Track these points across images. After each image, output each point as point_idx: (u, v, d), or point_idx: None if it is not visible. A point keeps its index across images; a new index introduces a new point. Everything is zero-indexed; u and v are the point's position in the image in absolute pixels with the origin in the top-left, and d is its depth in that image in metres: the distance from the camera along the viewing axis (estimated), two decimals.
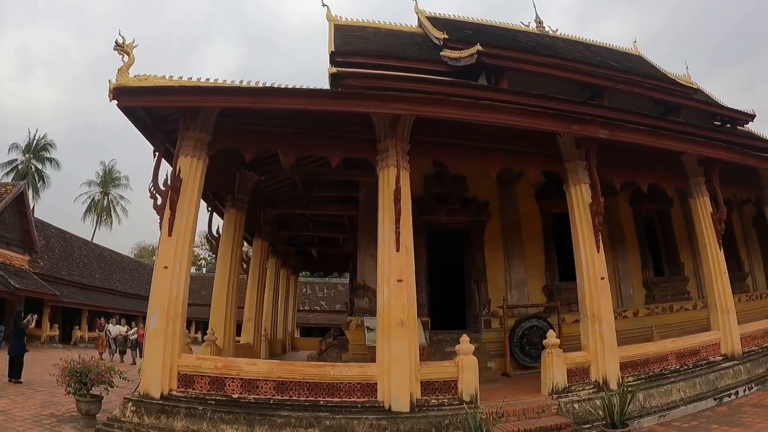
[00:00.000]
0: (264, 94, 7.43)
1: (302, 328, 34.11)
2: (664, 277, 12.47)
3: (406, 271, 7.48)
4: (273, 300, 14.50)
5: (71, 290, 27.66)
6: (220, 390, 6.85)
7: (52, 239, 29.53)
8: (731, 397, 8.82)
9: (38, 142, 43.30)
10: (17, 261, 24.22)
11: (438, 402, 6.99)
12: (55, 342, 25.15)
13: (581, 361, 8.26)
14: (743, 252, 13.71)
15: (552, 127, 8.35)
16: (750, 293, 13.38)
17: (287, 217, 13.41)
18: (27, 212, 25.44)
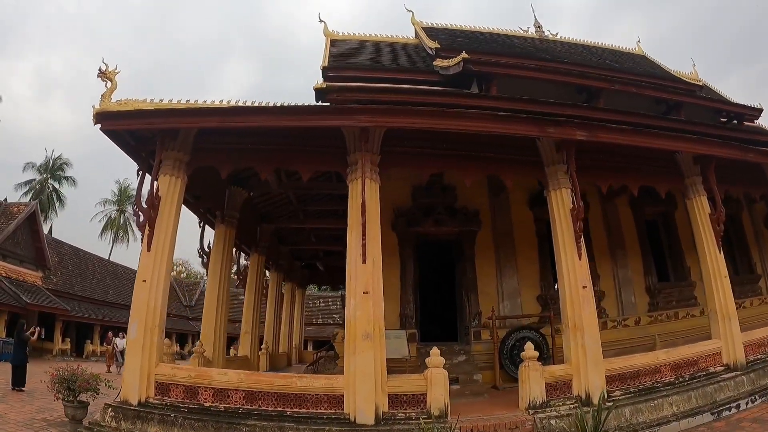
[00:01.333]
0: (232, 113, 7.39)
1: (315, 342, 33.65)
2: (669, 282, 11.61)
3: (373, 283, 7.25)
4: (275, 313, 14.30)
5: (84, 305, 27.90)
6: (193, 398, 6.85)
7: (66, 256, 29.82)
8: (731, 411, 8.01)
9: (54, 161, 43.47)
10: (30, 277, 24.60)
11: (405, 416, 6.68)
12: (67, 355, 25.07)
13: (561, 375, 7.66)
14: (755, 253, 12.64)
15: (524, 131, 7.85)
16: (763, 296, 12.32)
17: (286, 232, 13.20)
18: (39, 230, 25.90)
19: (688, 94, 12.82)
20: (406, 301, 9.88)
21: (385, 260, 9.98)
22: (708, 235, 9.23)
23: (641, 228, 11.65)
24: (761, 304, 12.02)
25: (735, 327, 8.88)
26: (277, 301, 14.62)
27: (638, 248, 11.47)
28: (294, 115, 7.54)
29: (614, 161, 8.95)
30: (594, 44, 15.74)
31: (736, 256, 12.65)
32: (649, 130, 8.53)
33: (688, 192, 9.46)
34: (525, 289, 10.43)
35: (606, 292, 10.97)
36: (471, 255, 10.35)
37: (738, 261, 12.63)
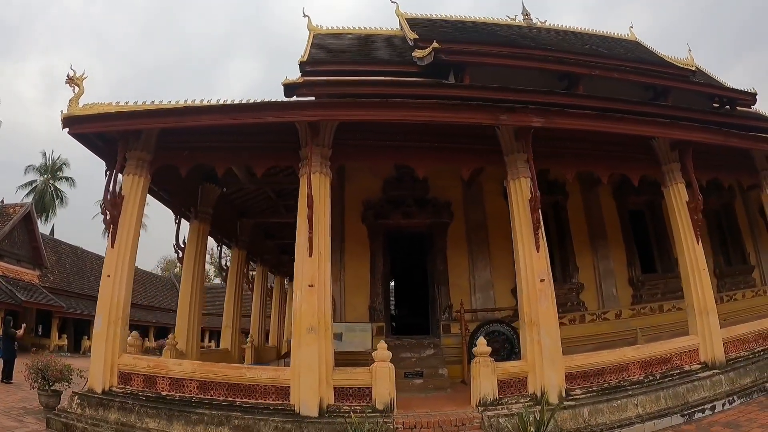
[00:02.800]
0: (185, 113, 7.27)
1: None
2: (655, 274, 10.69)
3: (319, 277, 6.93)
4: (261, 307, 13.97)
5: (81, 302, 27.37)
6: (152, 387, 6.85)
7: (64, 255, 29.61)
8: (704, 413, 7.18)
9: (54, 162, 42.50)
10: (27, 276, 24.58)
11: (350, 408, 6.36)
12: (64, 351, 24.44)
13: (516, 372, 7.02)
14: (749, 243, 11.54)
15: (475, 120, 7.22)
16: (756, 288, 11.24)
17: (270, 226, 12.80)
18: (35, 230, 25.87)
19: (679, 79, 11.77)
20: (375, 294, 9.35)
21: (354, 253, 9.66)
22: (685, 224, 8.35)
23: (624, 218, 10.75)
24: (754, 296, 10.98)
25: (714, 322, 8.01)
26: (264, 294, 14.29)
27: (621, 239, 10.59)
28: (240, 112, 7.24)
29: (580, 148, 8.17)
30: (585, 31, 14.69)
31: (729, 246, 11.60)
32: (614, 115, 7.73)
33: (665, 180, 8.61)
34: (499, 281, 9.72)
35: (585, 284, 10.18)
36: (442, 247, 9.72)
37: (731, 251, 11.57)
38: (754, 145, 9.06)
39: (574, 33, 14.33)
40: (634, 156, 8.63)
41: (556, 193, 10.25)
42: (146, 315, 32.16)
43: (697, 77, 13.10)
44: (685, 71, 12.41)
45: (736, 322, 9.67)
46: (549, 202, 10.37)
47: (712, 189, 10.92)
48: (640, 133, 7.85)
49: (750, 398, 7.75)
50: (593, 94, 10.27)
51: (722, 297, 10.88)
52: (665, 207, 10.99)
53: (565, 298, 9.88)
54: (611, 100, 9.42)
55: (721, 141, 8.54)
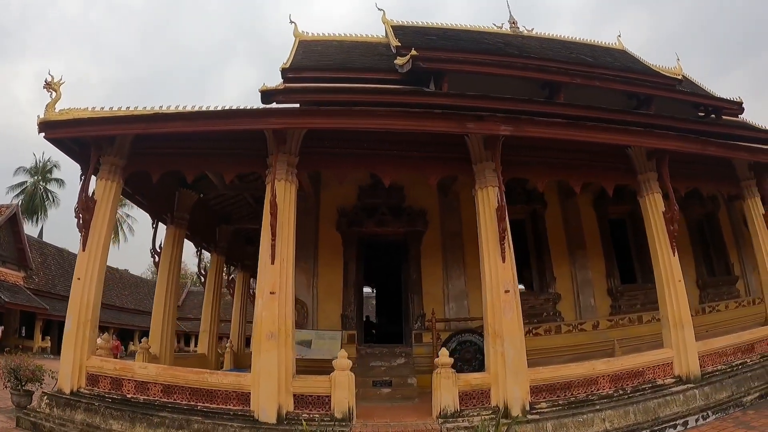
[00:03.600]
0: (153, 120, 7.12)
1: None
2: (635, 284, 10.30)
3: (281, 284, 6.74)
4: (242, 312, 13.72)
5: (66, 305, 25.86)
6: (118, 389, 6.78)
7: (49, 257, 28.96)
8: (676, 429, 6.83)
9: (45, 164, 41.45)
10: (12, 277, 24.02)
11: (309, 417, 6.18)
12: (47, 353, 23.88)
13: (478, 384, 6.71)
14: (733, 254, 11.10)
15: (440, 128, 6.95)
16: (740, 299, 10.80)
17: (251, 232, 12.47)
18: (20, 232, 25.25)
19: (664, 88, 11.40)
20: (347, 302, 9.09)
21: (328, 261, 9.40)
22: (661, 235, 8.01)
23: (604, 228, 10.39)
24: (738, 307, 10.54)
25: (689, 335, 7.64)
26: (245, 300, 14.06)
27: (601, 249, 10.23)
28: (206, 120, 7.05)
29: (553, 157, 7.85)
30: (572, 40, 14.34)
31: (713, 256, 11.17)
32: (585, 123, 7.42)
33: (641, 189, 8.26)
34: (473, 290, 9.35)
35: (563, 294, 9.83)
36: (416, 255, 9.43)
37: (714, 262, 11.14)
38: (734, 154, 8.71)
39: (561, 42, 13.99)
40: (610, 165, 8.31)
41: (534, 203, 9.93)
42: (132, 319, 31.56)
43: (684, 86, 12.73)
44: (672, 80, 12.04)
45: (718, 334, 9.28)
46: (527, 212, 10.08)
47: (696, 198, 10.57)
48: (612, 141, 7.54)
49: (726, 413, 7.37)
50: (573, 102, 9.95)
51: (704, 308, 10.50)
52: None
53: (542, 309, 9.56)
54: (589, 108, 9.11)
55: (698, 150, 8.20)
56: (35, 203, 39.29)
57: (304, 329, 8.93)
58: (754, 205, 9.26)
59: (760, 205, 9.24)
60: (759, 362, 8.36)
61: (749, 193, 9.30)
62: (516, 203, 9.61)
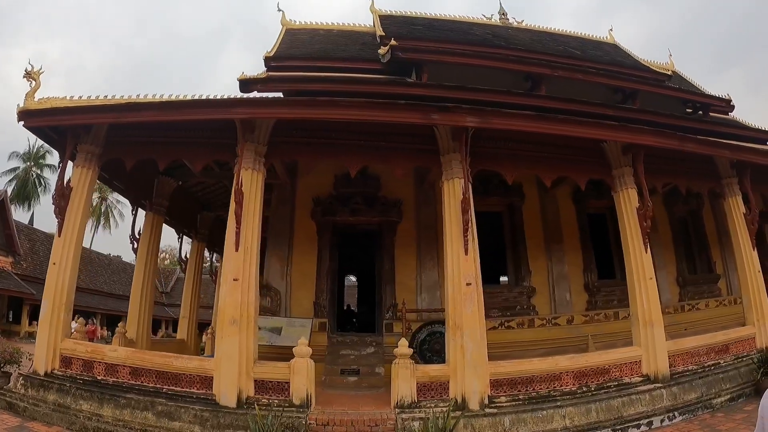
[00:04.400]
0: (124, 109, 7.09)
1: None
2: (613, 280, 9.99)
3: (244, 271, 6.68)
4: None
5: None
6: (89, 371, 6.82)
7: (38, 243, 28.33)
8: (639, 429, 6.62)
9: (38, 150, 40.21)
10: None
11: (269, 402, 6.13)
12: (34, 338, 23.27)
13: (437, 375, 6.56)
14: (716, 252, 10.73)
15: (406, 119, 6.77)
16: (722, 298, 10.45)
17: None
18: (8, 217, 24.69)
19: (650, 83, 11.00)
20: (320, 290, 8.92)
21: (302, 249, 9.24)
22: (634, 231, 7.73)
23: (583, 222, 10.09)
24: (719, 305, 10.21)
25: (658, 334, 7.39)
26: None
27: (579, 243, 9.94)
28: (176, 109, 6.97)
29: (523, 150, 7.59)
30: (562, 32, 13.90)
31: (695, 254, 10.81)
32: (556, 116, 7.14)
33: (616, 184, 7.95)
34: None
35: (538, 288, 9.57)
36: (390, 245, 9.21)
37: (697, 259, 10.77)
38: (715, 152, 8.37)
39: (551, 34, 13.56)
40: (585, 159, 8.03)
41: (512, 195, 9.64)
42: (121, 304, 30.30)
43: (676, 82, 12.31)
44: (661, 75, 11.61)
45: (698, 332, 9.06)
46: (504, 204, 9.81)
47: (680, 195, 10.22)
48: (583, 135, 7.24)
49: (693, 415, 7.11)
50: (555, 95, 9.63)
51: (683, 306, 10.20)
52: None
53: (515, 302, 9.32)
54: (568, 101, 8.88)
55: (676, 146, 7.88)
56: (27, 189, 38.49)
57: (276, 316, 8.80)
58: (734, 203, 8.91)
59: (741, 204, 8.89)
60: (733, 363, 8.07)
61: (730, 192, 8.94)
62: (493, 195, 9.37)
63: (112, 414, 6.20)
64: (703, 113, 10.94)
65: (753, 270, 8.70)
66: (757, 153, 8.74)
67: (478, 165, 7.43)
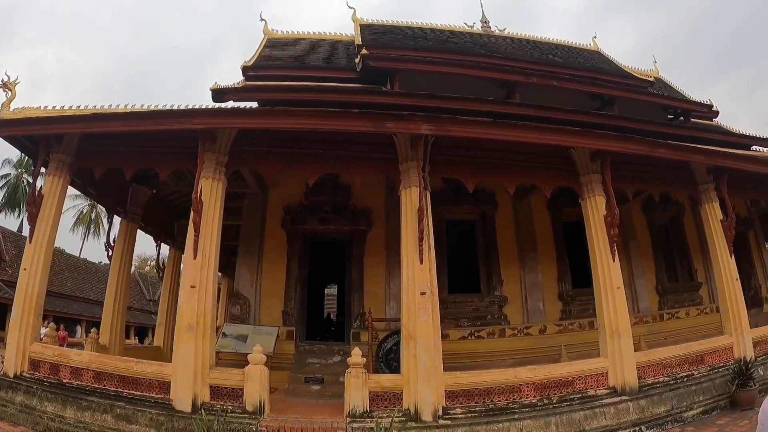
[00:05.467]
0: (92, 119, 7.11)
1: None
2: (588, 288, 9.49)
3: (201, 279, 6.60)
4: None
5: None
6: (56, 374, 6.83)
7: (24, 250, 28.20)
8: None
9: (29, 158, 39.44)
10: None
11: (222, 408, 6.08)
12: None
13: (389, 385, 6.35)
14: (697, 259, 10.33)
15: (359, 127, 6.61)
16: (703, 306, 10.04)
17: None
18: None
19: (631, 89, 10.72)
20: (289, 299, 8.78)
21: (272, 258, 9.12)
22: (601, 239, 7.46)
23: (558, 230, 9.79)
24: (700, 314, 9.83)
25: (626, 345, 7.09)
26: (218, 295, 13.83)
27: (553, 252, 9.65)
28: (140, 120, 6.95)
29: (485, 157, 7.39)
30: (545, 40, 13.63)
31: (676, 261, 10.41)
32: (515, 123, 6.93)
33: (583, 192, 7.70)
34: None
35: (510, 297, 9.30)
36: (359, 254, 9.03)
37: (678, 267, 10.38)
38: (687, 156, 8.06)
39: (533, 42, 13.31)
40: (551, 166, 7.80)
41: (484, 203, 9.40)
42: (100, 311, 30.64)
43: (660, 89, 11.96)
44: (643, 82, 11.29)
45: (678, 341, 8.77)
46: (477, 213, 9.56)
47: (659, 202, 9.87)
48: (543, 141, 7.02)
49: (662, 429, 6.81)
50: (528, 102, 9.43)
51: (663, 315, 9.82)
52: None
53: (486, 311, 9.06)
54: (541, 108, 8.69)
55: (645, 151, 7.62)
56: (17, 196, 37.61)
57: (245, 324, 8.68)
58: (711, 210, 8.58)
59: (718, 211, 8.55)
60: (707, 375, 7.71)
61: (707, 198, 8.61)
62: (464, 204, 9.16)
63: (74, 416, 6.26)
64: (684, 119, 10.60)
65: (730, 278, 8.35)
66: (734, 158, 8.42)
67: (438, 173, 7.29)
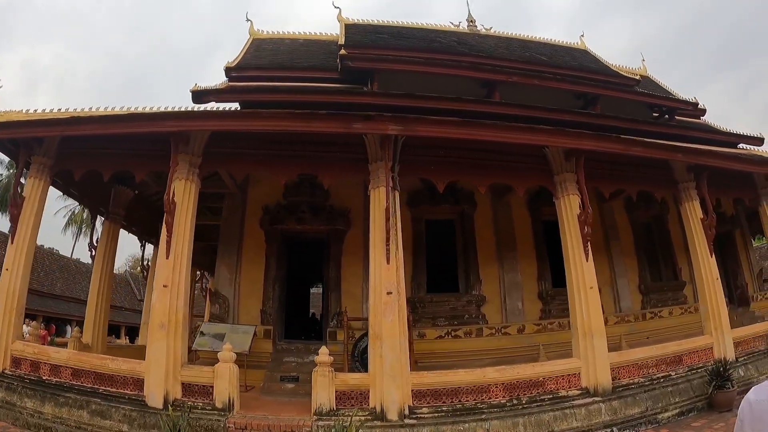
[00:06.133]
0: (70, 123, 7.13)
1: None
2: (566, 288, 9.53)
3: (173, 278, 6.69)
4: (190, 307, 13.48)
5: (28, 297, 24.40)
6: (36, 372, 6.95)
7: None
8: None
9: None
10: None
11: (193, 404, 6.18)
12: None
13: (356, 384, 6.38)
14: (682, 258, 10.18)
15: (327, 128, 6.69)
16: (687, 305, 9.90)
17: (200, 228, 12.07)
18: None
19: (615, 87, 10.60)
20: (267, 298, 8.79)
21: (251, 257, 9.14)
22: (574, 238, 7.40)
23: (538, 230, 9.70)
24: (683, 313, 9.70)
25: (599, 345, 7.03)
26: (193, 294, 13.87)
27: (533, 251, 9.55)
28: (114, 123, 7.13)
29: (457, 156, 7.35)
30: (532, 39, 13.48)
31: (660, 260, 10.27)
32: (484, 122, 6.90)
33: (557, 191, 7.63)
34: None
35: (488, 297, 9.23)
36: (337, 254, 9.01)
37: (662, 266, 10.24)
38: (665, 155, 7.99)
39: (520, 41, 13.18)
40: (525, 165, 7.77)
41: (463, 203, 9.33)
42: None
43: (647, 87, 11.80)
44: (629, 80, 11.13)
45: (661, 341, 8.70)
46: (456, 212, 9.50)
47: (641, 201, 9.72)
48: (513, 140, 7.00)
49: (635, 430, 6.72)
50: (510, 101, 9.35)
51: (645, 314, 9.69)
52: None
53: (464, 311, 9.01)
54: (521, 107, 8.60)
55: (620, 150, 7.57)
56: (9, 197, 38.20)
57: (224, 323, 8.70)
58: (691, 208, 8.46)
59: (699, 209, 8.41)
60: (685, 376, 7.62)
61: (687, 197, 8.50)
62: (442, 203, 9.09)
63: (52, 411, 6.41)
64: (669, 117, 10.43)
65: (711, 277, 8.24)
66: (714, 156, 8.30)
67: (409, 173, 7.27)
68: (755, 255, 11.69)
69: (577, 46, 13.71)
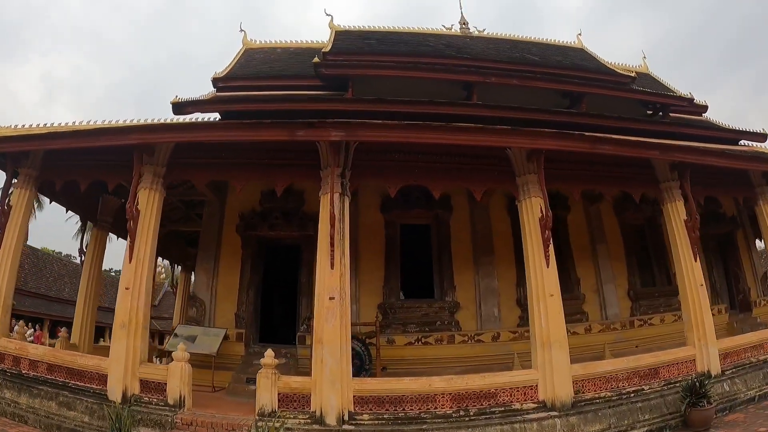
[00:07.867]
0: (47, 138, 7.53)
1: None
2: None
3: (135, 281, 7.04)
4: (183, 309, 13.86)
5: (36, 302, 25.71)
6: (17, 366, 7.38)
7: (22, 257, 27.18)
8: None
9: None
10: None
11: (149, 400, 6.61)
12: None
13: (298, 387, 6.44)
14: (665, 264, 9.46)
15: (272, 137, 6.82)
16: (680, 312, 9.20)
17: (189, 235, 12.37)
18: None
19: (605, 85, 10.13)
20: (241, 302, 9.00)
21: (227, 263, 9.44)
22: (535, 243, 7.11)
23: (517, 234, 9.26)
24: (676, 320, 9.10)
25: (558, 356, 6.70)
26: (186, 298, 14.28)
27: (513, 256, 9.24)
28: (85, 137, 7.40)
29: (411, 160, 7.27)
30: (526, 39, 13.07)
31: (653, 265, 9.70)
32: (431, 124, 6.83)
33: (519, 193, 7.39)
34: (365, 296, 8.94)
35: (463, 303, 9.06)
36: (309, 259, 9.04)
37: (655, 270, 9.66)
38: (639, 153, 7.55)
39: (512, 41, 12.83)
40: (486, 167, 7.57)
41: (437, 207, 9.15)
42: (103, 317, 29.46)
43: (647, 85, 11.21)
44: (623, 77, 10.60)
45: (650, 349, 8.37)
46: (430, 217, 9.36)
47: (631, 203, 9.24)
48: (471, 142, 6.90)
49: None
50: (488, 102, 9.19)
51: (634, 321, 9.21)
52: (571, 222, 9.60)
53: (436, 317, 8.88)
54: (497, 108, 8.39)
55: (586, 148, 7.27)
56: None
57: (200, 326, 9.00)
58: (674, 209, 7.99)
59: (682, 210, 7.90)
60: (659, 391, 7.16)
61: (669, 197, 8.03)
62: (415, 208, 9.01)
63: (27, 402, 6.93)
64: (663, 114, 9.84)
65: (694, 283, 7.72)
66: (696, 152, 7.80)
67: (360, 178, 7.29)
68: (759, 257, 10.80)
69: (573, 45, 13.24)
